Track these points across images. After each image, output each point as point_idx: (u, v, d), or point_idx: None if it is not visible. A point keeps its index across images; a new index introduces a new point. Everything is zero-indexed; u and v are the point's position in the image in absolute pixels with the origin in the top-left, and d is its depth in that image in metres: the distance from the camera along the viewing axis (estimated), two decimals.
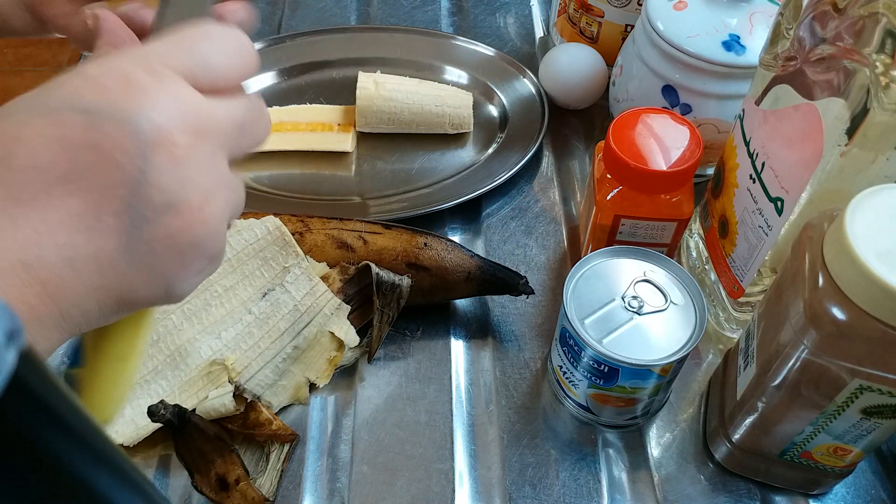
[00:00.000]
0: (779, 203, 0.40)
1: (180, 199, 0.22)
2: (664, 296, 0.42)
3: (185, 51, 0.23)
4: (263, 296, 0.46)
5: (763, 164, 0.41)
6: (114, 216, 0.21)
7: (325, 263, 0.48)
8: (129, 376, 0.27)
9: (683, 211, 0.46)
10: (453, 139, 0.62)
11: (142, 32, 0.35)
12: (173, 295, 0.24)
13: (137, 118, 0.21)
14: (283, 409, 0.46)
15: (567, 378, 0.44)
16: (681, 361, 0.40)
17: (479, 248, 0.55)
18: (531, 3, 0.76)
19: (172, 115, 0.21)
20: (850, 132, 0.34)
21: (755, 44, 0.49)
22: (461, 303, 0.52)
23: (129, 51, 0.23)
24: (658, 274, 0.43)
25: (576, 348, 0.41)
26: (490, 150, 0.61)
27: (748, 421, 0.40)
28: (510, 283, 0.47)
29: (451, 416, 0.46)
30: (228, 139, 0.24)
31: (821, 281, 0.32)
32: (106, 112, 0.21)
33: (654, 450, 0.45)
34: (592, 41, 0.64)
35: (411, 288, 0.47)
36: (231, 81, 0.24)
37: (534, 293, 0.48)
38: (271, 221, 0.47)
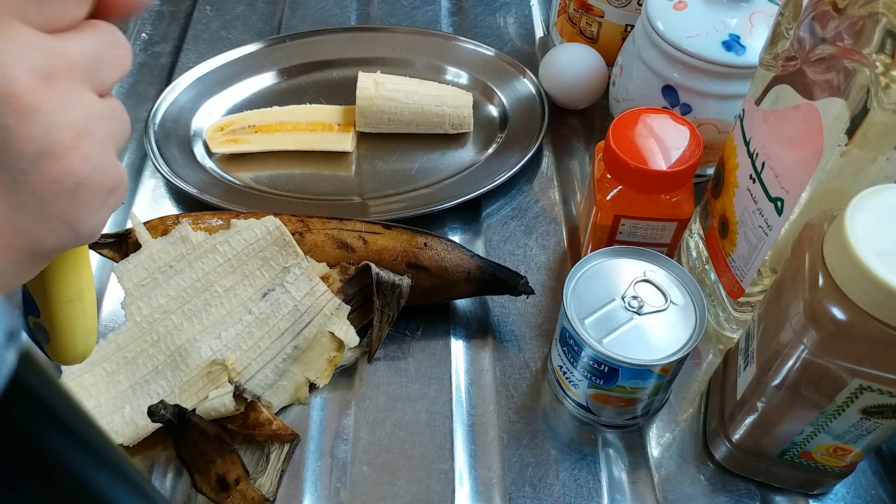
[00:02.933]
0: (779, 203, 0.40)
1: (51, 144, 0.21)
2: (664, 296, 0.42)
3: None
4: (263, 296, 0.46)
5: (763, 164, 0.41)
6: None
7: (325, 263, 0.48)
8: (86, 313, 0.28)
9: (683, 211, 0.46)
10: (453, 139, 0.62)
11: None
12: (83, 235, 0.24)
13: None
14: (283, 409, 0.46)
15: (567, 378, 0.44)
16: (681, 361, 0.40)
17: (479, 248, 0.55)
18: (531, 3, 0.76)
19: (18, 64, 0.21)
20: (850, 132, 0.34)
21: (755, 44, 0.49)
22: (461, 303, 0.52)
23: None
24: (658, 274, 0.43)
25: (576, 348, 0.41)
26: (490, 150, 0.61)
27: (748, 421, 0.40)
28: (510, 283, 0.47)
29: (451, 416, 0.46)
30: (87, 73, 0.23)
31: (821, 281, 0.32)
32: None
33: (654, 450, 0.45)
34: (592, 41, 0.64)
35: (411, 288, 0.47)
36: (69, 14, 0.23)
37: (534, 293, 0.48)
38: (271, 221, 0.47)
